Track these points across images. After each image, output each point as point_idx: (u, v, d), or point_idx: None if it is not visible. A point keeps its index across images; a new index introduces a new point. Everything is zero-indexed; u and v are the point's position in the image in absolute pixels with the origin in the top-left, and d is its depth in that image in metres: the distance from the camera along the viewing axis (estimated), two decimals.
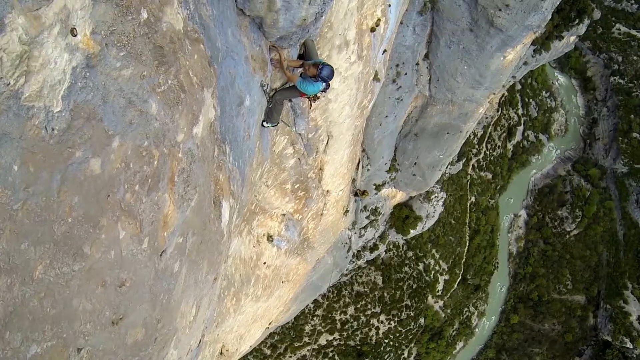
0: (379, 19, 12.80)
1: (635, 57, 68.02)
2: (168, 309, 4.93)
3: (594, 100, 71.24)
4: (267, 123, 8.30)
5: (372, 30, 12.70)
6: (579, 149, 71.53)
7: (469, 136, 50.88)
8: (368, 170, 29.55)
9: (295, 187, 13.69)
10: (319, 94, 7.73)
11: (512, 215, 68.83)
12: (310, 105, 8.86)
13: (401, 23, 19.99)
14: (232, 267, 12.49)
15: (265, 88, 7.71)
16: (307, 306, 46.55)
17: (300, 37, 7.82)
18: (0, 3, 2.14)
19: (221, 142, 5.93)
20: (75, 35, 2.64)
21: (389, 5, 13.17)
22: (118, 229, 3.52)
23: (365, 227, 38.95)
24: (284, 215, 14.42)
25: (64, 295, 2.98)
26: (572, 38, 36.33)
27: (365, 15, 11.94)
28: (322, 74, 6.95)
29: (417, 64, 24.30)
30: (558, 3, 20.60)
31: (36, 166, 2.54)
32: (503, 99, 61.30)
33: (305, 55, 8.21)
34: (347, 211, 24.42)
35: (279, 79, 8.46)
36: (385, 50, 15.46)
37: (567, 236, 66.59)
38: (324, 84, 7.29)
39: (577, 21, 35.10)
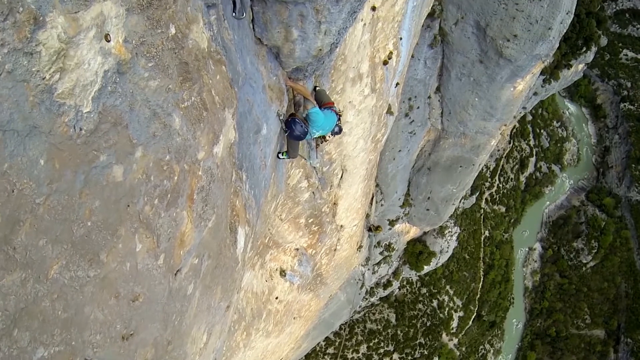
0: (391, 52, 13.06)
1: None
2: (179, 332, 4.76)
3: (605, 127, 70.75)
4: (282, 155, 8.27)
5: (385, 63, 12.92)
6: (592, 178, 70.44)
7: (482, 169, 50.65)
8: (382, 205, 29.33)
9: (309, 221, 13.54)
10: (327, 136, 7.62)
11: (527, 249, 67.22)
12: (317, 145, 8.86)
13: (412, 56, 20.43)
14: (243, 300, 12.21)
15: (281, 117, 7.77)
16: (318, 344, 44.95)
17: (315, 68, 7.95)
18: (43, 2, 2.29)
19: (238, 168, 5.91)
20: (109, 41, 2.76)
21: (401, 39, 13.45)
22: (135, 240, 3.47)
23: (378, 263, 38.23)
24: (297, 249, 14.21)
25: (76, 300, 2.93)
26: (581, 66, 36.57)
27: (378, 48, 12.20)
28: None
29: (429, 97, 24.65)
30: (565, 31, 20.94)
31: (61, 163, 2.57)
32: (514, 130, 61.38)
33: (317, 99, 8.29)
34: (360, 247, 24.05)
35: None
36: (397, 84, 15.68)
37: (584, 268, 64.43)
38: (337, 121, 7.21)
39: (584, 49, 35.41)
